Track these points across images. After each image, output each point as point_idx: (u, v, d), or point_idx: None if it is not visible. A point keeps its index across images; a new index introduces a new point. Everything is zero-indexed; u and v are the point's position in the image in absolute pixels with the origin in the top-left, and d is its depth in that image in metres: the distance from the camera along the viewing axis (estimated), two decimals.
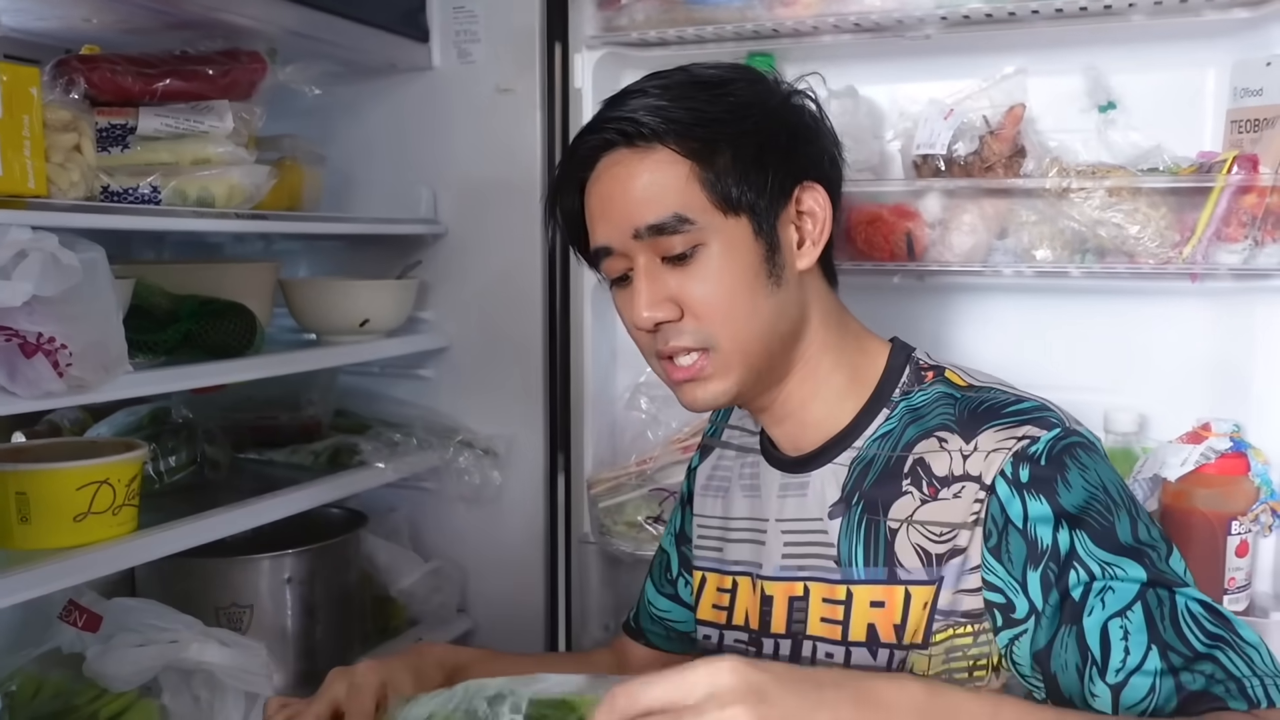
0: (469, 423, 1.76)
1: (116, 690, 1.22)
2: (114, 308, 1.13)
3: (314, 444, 1.67)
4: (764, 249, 0.96)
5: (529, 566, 1.74)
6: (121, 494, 1.22)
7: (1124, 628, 0.82)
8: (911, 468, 0.96)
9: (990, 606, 0.91)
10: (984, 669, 0.93)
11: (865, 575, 0.97)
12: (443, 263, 1.78)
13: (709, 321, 0.96)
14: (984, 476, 0.91)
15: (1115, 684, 0.81)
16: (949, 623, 0.93)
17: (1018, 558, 0.88)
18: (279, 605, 1.40)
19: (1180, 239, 1.29)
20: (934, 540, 0.94)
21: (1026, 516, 0.88)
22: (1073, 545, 0.86)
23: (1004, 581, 0.89)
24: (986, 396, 0.97)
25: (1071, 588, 0.85)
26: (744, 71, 1.01)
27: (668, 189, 0.94)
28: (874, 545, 0.97)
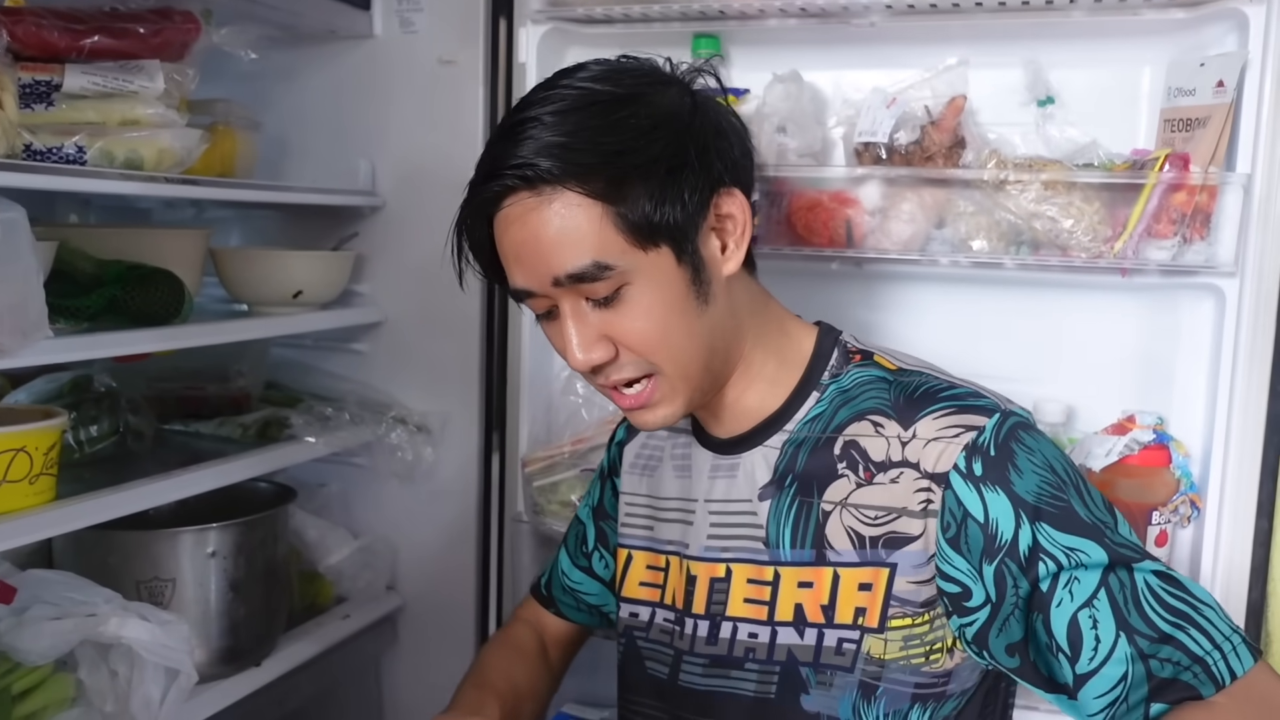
0: (403, 399, 1.74)
1: (30, 664, 1.19)
2: (34, 270, 1.09)
3: (243, 416, 1.63)
4: (689, 273, 0.93)
5: (461, 545, 1.73)
6: (39, 463, 1.18)
7: (1092, 617, 0.85)
8: (845, 450, 0.97)
9: (943, 594, 0.93)
10: (939, 652, 0.95)
11: (792, 557, 0.98)
12: (380, 236, 1.75)
13: (648, 353, 0.94)
14: (924, 464, 0.93)
15: (1087, 672, 0.85)
16: (905, 610, 0.94)
17: (975, 549, 0.90)
18: (202, 580, 1.37)
19: (1112, 234, 1.31)
20: (868, 523, 0.95)
21: (986, 510, 0.89)
22: (1035, 539, 0.88)
23: (963, 570, 0.91)
24: (919, 381, 0.98)
25: (1040, 579, 0.88)
26: (646, 80, 0.95)
27: (582, 235, 0.89)
28: (803, 527, 0.98)
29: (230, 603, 1.40)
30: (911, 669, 0.95)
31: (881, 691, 0.95)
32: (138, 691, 1.19)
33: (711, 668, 1.03)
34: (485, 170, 0.93)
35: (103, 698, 1.21)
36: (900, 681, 0.95)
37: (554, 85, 0.93)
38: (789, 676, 0.98)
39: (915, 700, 0.96)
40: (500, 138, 0.93)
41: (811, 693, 0.97)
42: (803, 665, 0.98)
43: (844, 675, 0.96)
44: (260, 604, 1.44)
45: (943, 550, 0.91)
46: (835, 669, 0.96)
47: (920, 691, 0.95)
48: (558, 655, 1.33)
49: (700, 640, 1.04)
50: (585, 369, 0.95)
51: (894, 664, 0.95)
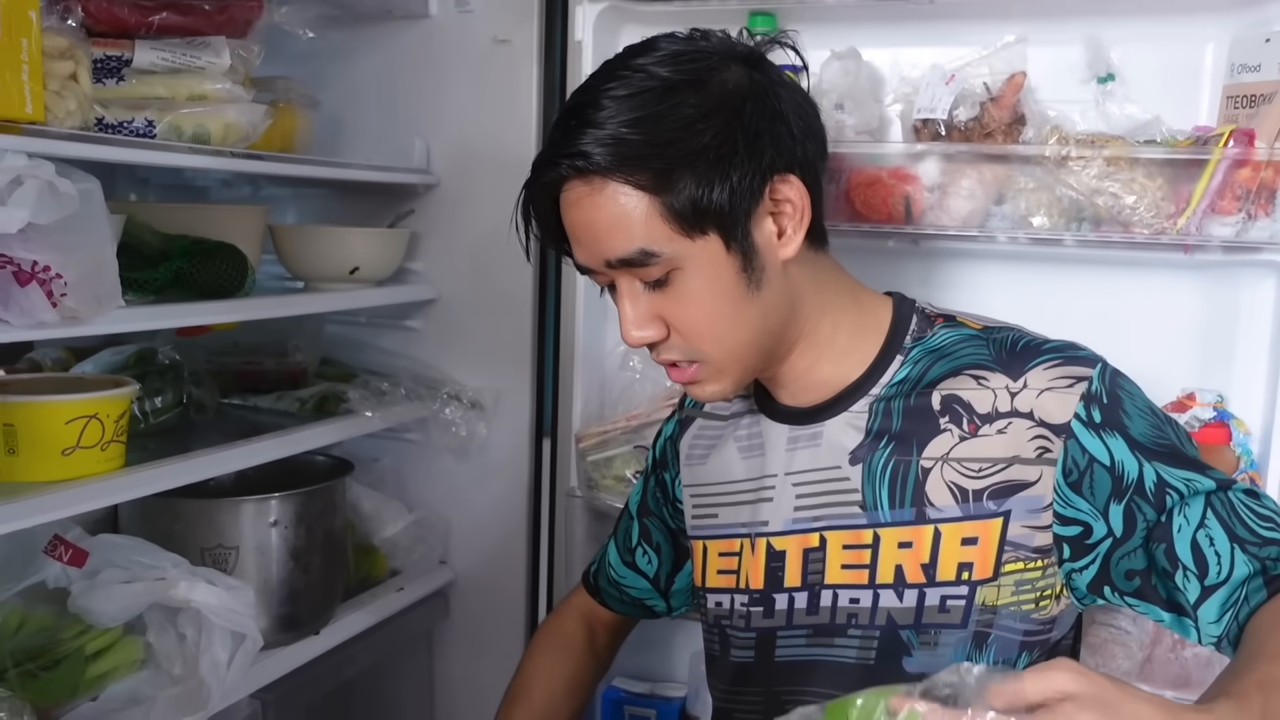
0: (456, 375, 1.75)
1: (102, 626, 1.22)
2: (109, 240, 1.12)
3: (300, 391, 1.66)
4: (739, 261, 0.94)
5: (513, 520, 1.74)
6: (110, 430, 1.21)
7: (1208, 537, 0.89)
8: (945, 405, 0.98)
9: (1060, 541, 0.94)
10: (1048, 599, 0.97)
11: (891, 517, 0.99)
12: (434, 214, 1.77)
13: (694, 339, 0.97)
14: (1040, 414, 0.94)
15: (1215, 584, 0.89)
16: (1018, 555, 0.95)
17: (1101, 491, 0.92)
18: (264, 549, 1.39)
19: (1175, 210, 1.30)
20: (972, 476, 0.96)
21: (1111, 455, 0.92)
22: (1159, 476, 0.92)
23: (1084, 510, 0.93)
24: (1014, 335, 1.00)
25: (1164, 510, 0.91)
26: (709, 62, 0.95)
27: (630, 224, 0.92)
28: (901, 486, 0.98)
29: (291, 571, 1.42)
30: (1021, 615, 0.96)
31: (992, 640, 0.96)
32: (205, 654, 1.21)
33: (815, 638, 1.04)
34: (545, 155, 0.96)
35: (171, 660, 1.23)
36: (1010, 629, 0.96)
37: (618, 67, 0.95)
38: (890, 640, 0.99)
39: (1023, 648, 0.97)
40: (561, 122, 0.96)
41: (915, 655, 0.98)
42: (903, 628, 0.98)
43: (952, 632, 0.96)
44: (319, 574, 1.47)
45: (1063, 495, 0.93)
46: (941, 628, 0.97)
47: (1028, 639, 0.97)
48: (606, 641, 1.35)
49: (800, 612, 1.05)
50: (637, 346, 0.98)
51: (1005, 610, 0.96)
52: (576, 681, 1.28)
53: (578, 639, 1.32)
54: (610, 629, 1.36)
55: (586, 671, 1.30)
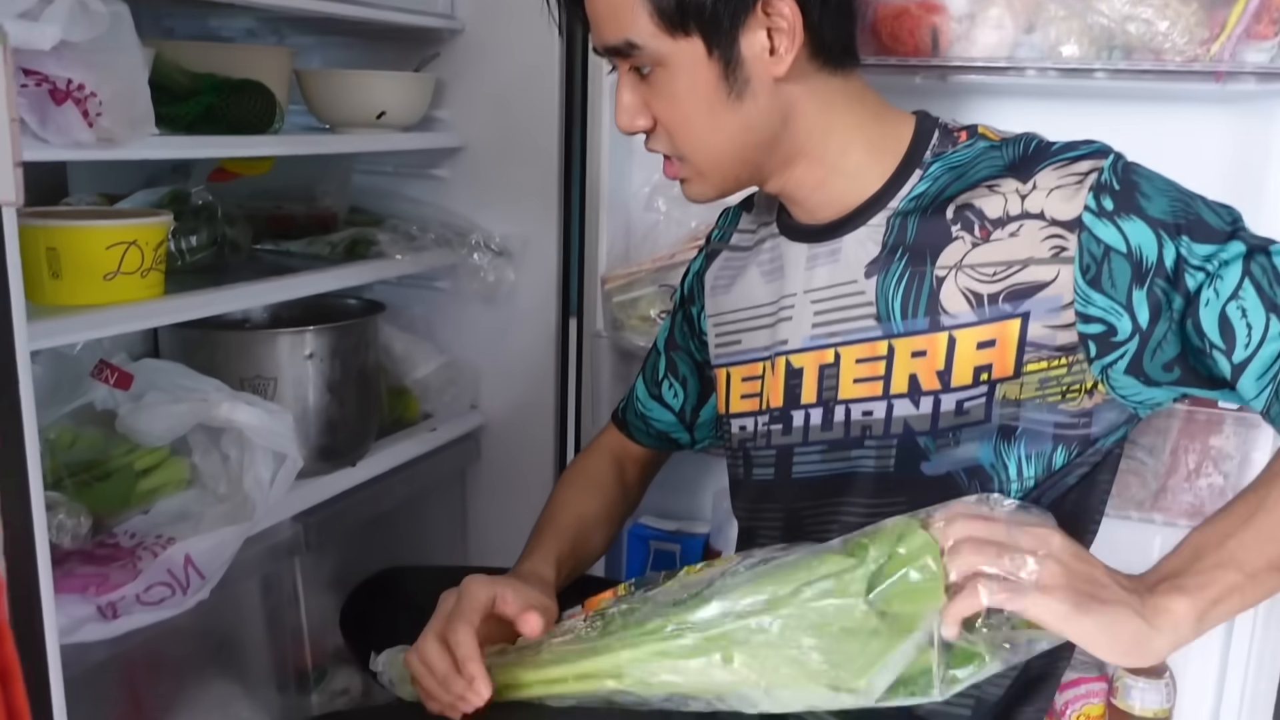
0: (483, 223, 1.77)
1: (149, 446, 1.27)
2: (140, 62, 1.13)
3: (330, 235, 1.68)
4: (719, 68, 0.97)
5: (541, 363, 1.78)
6: (149, 257, 1.23)
7: (1240, 308, 0.88)
8: (958, 214, 0.99)
9: (1085, 339, 0.94)
10: (1076, 392, 0.97)
11: (905, 328, 1.00)
12: (459, 61, 1.76)
13: (674, 137, 1.02)
14: (1050, 213, 0.94)
15: (1244, 360, 0.88)
16: (1041, 355, 0.96)
17: (1121, 282, 0.92)
18: (301, 380, 1.43)
19: (1209, 36, 1.28)
20: (987, 281, 0.97)
21: (1127, 240, 0.91)
22: (1179, 253, 0.90)
23: (1105, 308, 0.93)
24: (1029, 139, 1.00)
25: (1189, 290, 0.90)
26: None
27: (620, 15, 0.97)
28: (915, 297, 1.00)
29: (327, 403, 1.46)
30: (1048, 407, 0.97)
31: (1021, 431, 0.98)
32: (248, 473, 1.25)
33: (829, 453, 1.07)
34: None
35: (216, 480, 1.28)
36: (1038, 421, 0.97)
37: None
38: (907, 447, 1.01)
39: (1057, 441, 0.98)
40: None
41: (932, 459, 1.00)
42: (920, 435, 1.00)
43: (974, 429, 0.98)
44: (354, 408, 1.51)
45: (1083, 293, 0.93)
46: (959, 429, 0.99)
47: (1060, 432, 0.98)
48: (635, 476, 1.39)
49: (815, 429, 1.07)
50: (626, 133, 1.05)
51: (1030, 403, 0.97)
52: (605, 513, 1.32)
53: (606, 474, 1.36)
54: (639, 464, 1.40)
55: (615, 504, 1.35)
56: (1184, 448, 1.42)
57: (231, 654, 1.46)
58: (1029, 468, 0.99)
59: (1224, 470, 1.44)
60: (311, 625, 1.54)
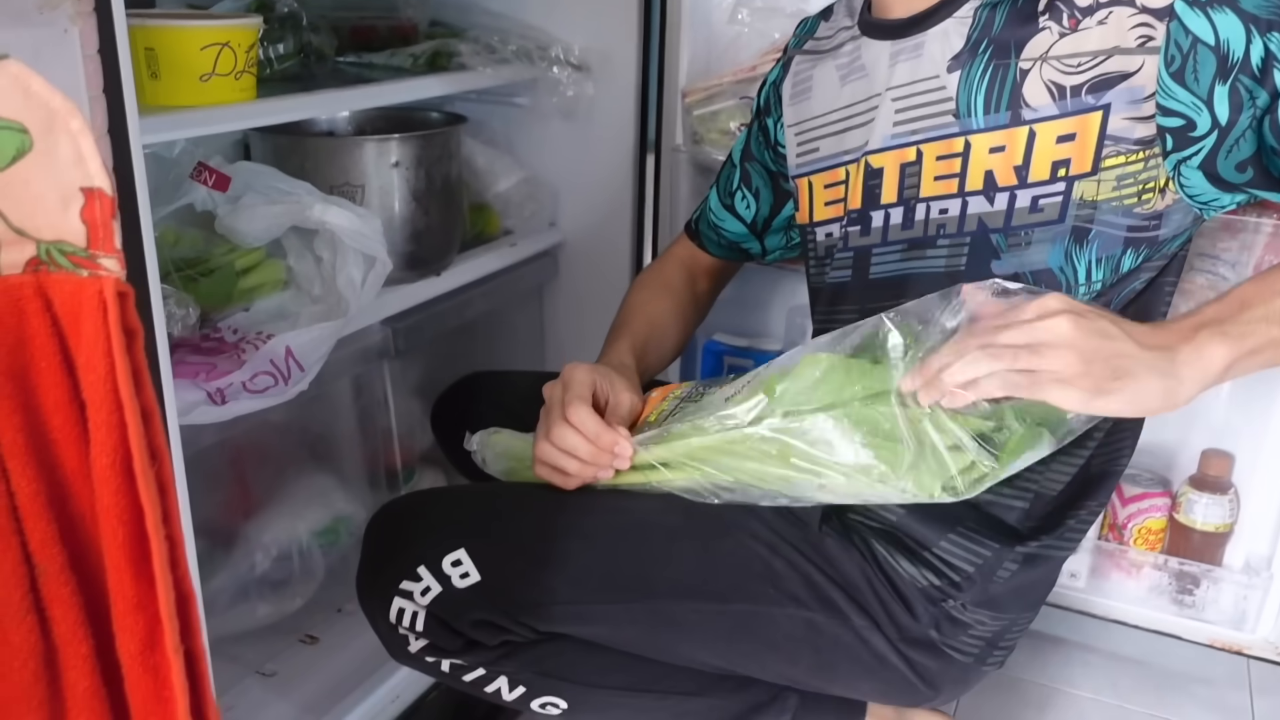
0: (563, 36, 1.75)
1: (247, 246, 1.32)
2: None
3: (412, 47, 1.68)
4: None
5: (620, 180, 1.79)
6: (242, 60, 1.26)
7: None
8: (1049, 3, 0.97)
9: (1163, 132, 0.94)
10: (1151, 191, 0.97)
11: (985, 123, 1.00)
12: None
13: None
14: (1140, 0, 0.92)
15: None
16: (1119, 149, 0.95)
17: (1205, 76, 0.90)
18: (387, 188, 1.47)
19: None
20: (1071, 72, 0.95)
21: (1216, 33, 0.90)
22: (1267, 49, 0.89)
23: (1185, 103, 0.92)
24: None
25: (1275, 86, 0.89)
26: None
27: None
28: (998, 90, 0.99)
29: (413, 211, 1.50)
30: (1124, 210, 0.97)
31: (1094, 234, 0.98)
32: (341, 273, 1.30)
33: (909, 252, 1.08)
34: None
35: (310, 281, 1.34)
36: (1112, 224, 0.98)
37: None
38: (979, 245, 1.02)
39: (1128, 245, 0.99)
40: None
41: (1003, 258, 1.01)
42: (993, 232, 1.01)
43: (1048, 228, 0.99)
44: (439, 218, 1.55)
45: (1165, 85, 0.92)
46: (1033, 227, 0.99)
47: (1132, 235, 0.98)
48: (706, 286, 1.42)
49: (895, 228, 1.08)
50: None
51: (1106, 204, 0.97)
52: (677, 315, 1.36)
53: (678, 280, 1.39)
54: (709, 274, 1.43)
55: (686, 307, 1.38)
56: (1267, 263, 1.40)
57: (327, 449, 1.55)
58: (1098, 271, 1.00)
59: None
60: (400, 427, 1.62)
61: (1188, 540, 1.52)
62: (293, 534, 1.44)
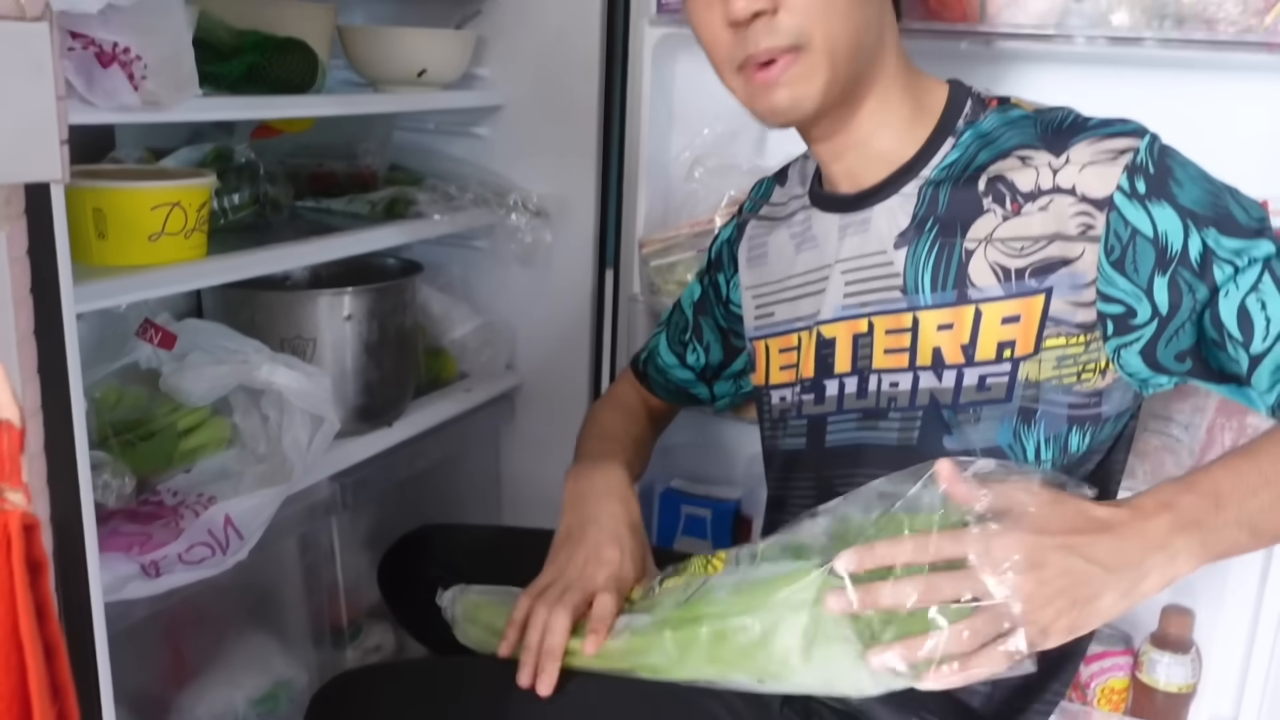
0: (522, 182, 1.77)
1: (191, 405, 1.29)
2: (185, 25, 1.14)
3: (370, 194, 1.68)
4: None
5: (577, 326, 1.79)
6: (194, 218, 1.25)
7: (1260, 301, 0.88)
8: (990, 186, 0.98)
9: (1104, 318, 0.94)
10: (1091, 371, 0.97)
11: (932, 301, 1.00)
12: (501, 18, 1.75)
13: (805, 14, 0.94)
14: (1082, 189, 0.93)
15: (1261, 352, 0.89)
16: (1060, 331, 0.96)
17: (1144, 267, 0.91)
18: (339, 341, 1.45)
19: (1263, 6, 1.25)
20: (1015, 255, 0.96)
21: (1154, 225, 0.90)
22: (1205, 245, 0.90)
23: (1126, 291, 0.92)
24: (1063, 114, 0.99)
25: (1212, 282, 0.90)
26: None
27: None
28: (944, 268, 0.99)
29: (365, 364, 1.48)
30: (1065, 389, 0.97)
31: (1040, 414, 0.98)
32: (287, 434, 1.28)
33: (863, 421, 1.07)
34: None
35: (255, 440, 1.31)
36: (1055, 403, 0.98)
37: None
38: (930, 419, 1.02)
39: (1072, 423, 0.99)
40: None
41: (954, 433, 1.01)
42: (944, 408, 1.01)
43: (996, 407, 0.98)
44: (392, 369, 1.53)
45: (1105, 274, 0.93)
46: (982, 404, 0.99)
47: (1075, 413, 0.98)
48: (655, 424, 1.41)
49: (850, 397, 1.08)
50: (744, 15, 0.94)
51: (1048, 384, 0.97)
52: (644, 437, 1.36)
53: (638, 404, 1.40)
54: (657, 412, 1.43)
55: (647, 433, 1.38)
56: (1220, 425, 1.40)
57: (269, 610, 1.50)
58: (1046, 450, 1.00)
59: None
60: (347, 582, 1.57)
61: (1151, 701, 1.49)
62: (229, 704, 1.37)
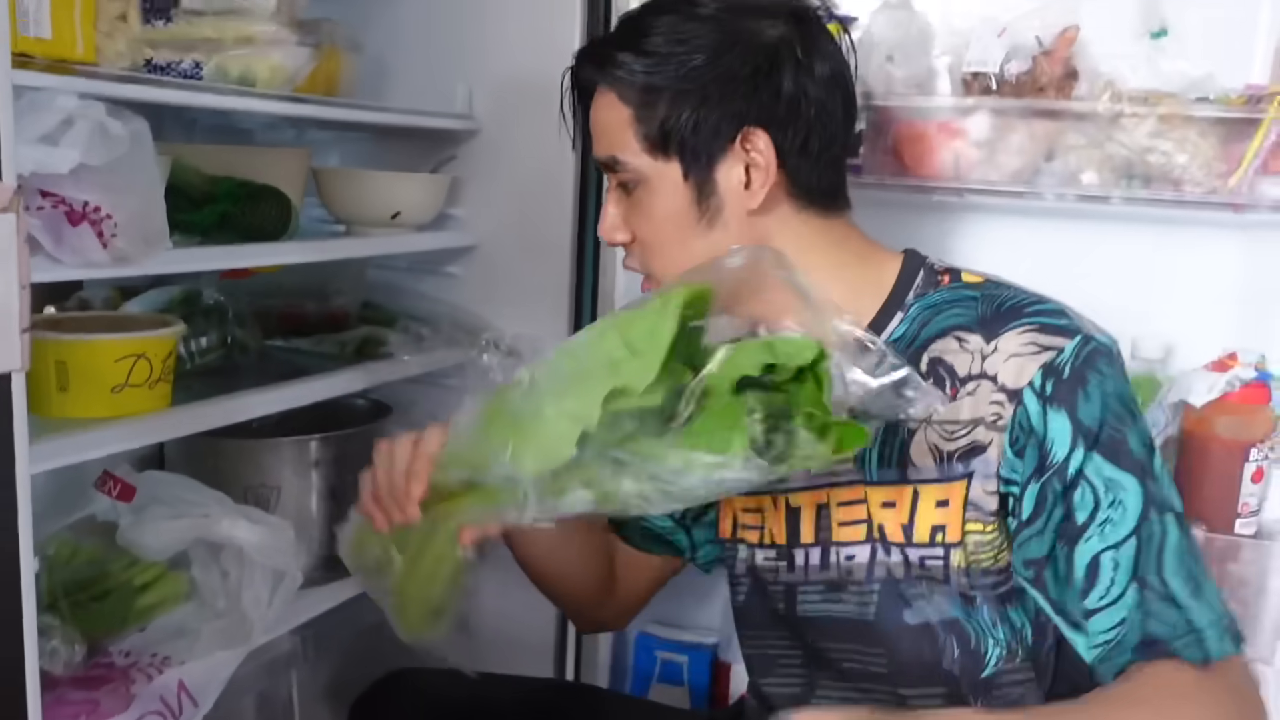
0: (495, 321, 1.76)
1: (148, 560, 1.25)
2: (157, 181, 1.13)
3: (341, 334, 1.67)
4: (693, 192, 0.99)
5: None
6: (158, 369, 1.23)
7: (1115, 560, 0.88)
8: (931, 367, 0.98)
9: (1004, 500, 0.96)
10: (1003, 550, 0.98)
11: (879, 477, 1.00)
12: (475, 160, 1.76)
13: (645, 253, 1.04)
14: (1002, 378, 0.94)
15: (1092, 609, 0.89)
16: (978, 516, 0.96)
17: (1028, 466, 0.92)
18: (305, 489, 1.42)
19: (1226, 169, 1.28)
20: (947, 439, 0.97)
21: (1046, 429, 0.91)
22: (1082, 465, 0.90)
23: (1018, 482, 0.94)
24: (1006, 295, 0.98)
25: (1075, 508, 0.90)
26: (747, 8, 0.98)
27: (610, 130, 1.00)
28: (891, 446, 1.00)
29: (331, 510, 1.45)
30: (985, 570, 0.98)
31: (977, 598, 0.99)
32: (247, 590, 1.24)
33: (828, 593, 1.06)
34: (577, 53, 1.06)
35: (214, 595, 1.26)
36: (985, 585, 0.99)
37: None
38: (887, 595, 1.01)
39: (1004, 601, 0.99)
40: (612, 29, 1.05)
41: (913, 606, 1.00)
42: (899, 582, 1.00)
43: (941, 587, 0.99)
44: None
45: (1009, 459, 0.94)
46: (929, 581, 0.99)
47: (1004, 591, 0.99)
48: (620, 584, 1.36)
49: (814, 568, 1.07)
50: (608, 244, 1.07)
51: (974, 569, 0.98)
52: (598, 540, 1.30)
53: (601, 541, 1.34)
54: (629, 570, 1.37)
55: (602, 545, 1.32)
56: None
57: None
58: (997, 630, 1.00)
59: (1241, 597, 1.42)
60: None
61: None
62: None
